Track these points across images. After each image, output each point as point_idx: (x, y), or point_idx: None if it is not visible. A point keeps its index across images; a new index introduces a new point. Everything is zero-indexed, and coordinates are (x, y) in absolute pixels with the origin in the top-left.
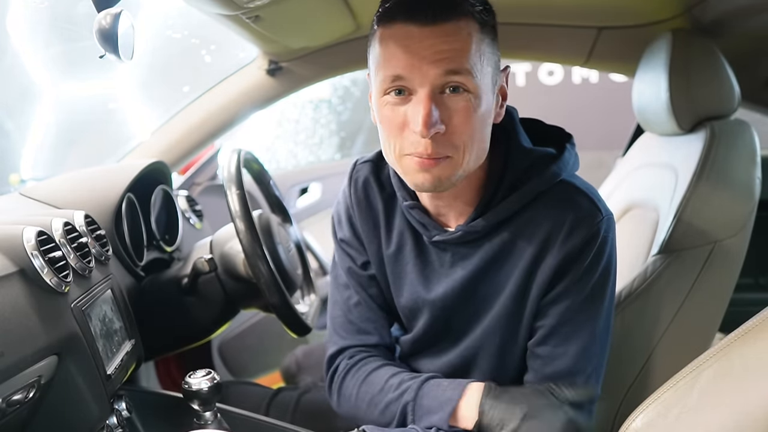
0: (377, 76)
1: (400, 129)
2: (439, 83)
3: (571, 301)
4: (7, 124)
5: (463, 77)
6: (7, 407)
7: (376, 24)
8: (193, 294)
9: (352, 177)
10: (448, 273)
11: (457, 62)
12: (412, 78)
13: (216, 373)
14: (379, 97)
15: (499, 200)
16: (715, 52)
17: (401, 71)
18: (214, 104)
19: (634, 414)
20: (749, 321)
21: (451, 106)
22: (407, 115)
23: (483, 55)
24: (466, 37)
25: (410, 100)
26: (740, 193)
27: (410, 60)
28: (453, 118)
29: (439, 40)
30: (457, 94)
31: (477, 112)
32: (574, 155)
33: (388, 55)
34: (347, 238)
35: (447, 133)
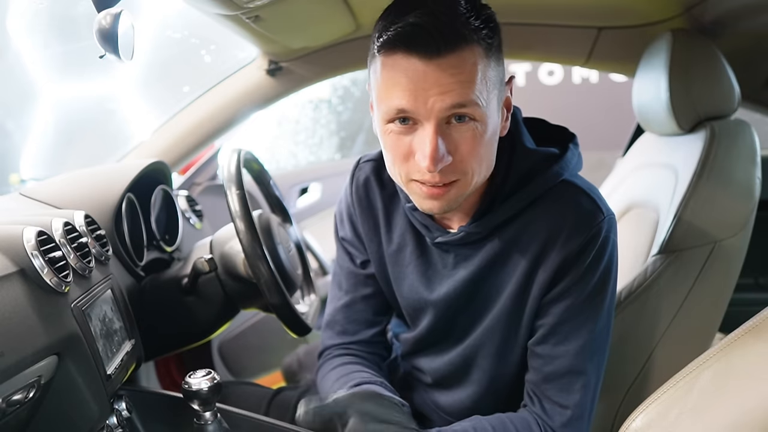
0: (380, 104)
1: (405, 158)
2: (445, 115)
3: (572, 301)
4: (7, 124)
5: (469, 108)
6: (7, 407)
7: (376, 50)
8: (193, 294)
9: (354, 176)
10: (450, 274)
11: (463, 95)
12: (417, 111)
13: (216, 373)
14: (382, 124)
15: (502, 201)
16: (715, 52)
17: (405, 105)
18: (214, 104)
19: (634, 414)
20: (749, 321)
21: (457, 136)
22: (413, 145)
23: (488, 81)
24: (471, 67)
25: (415, 130)
26: (740, 193)
27: (414, 94)
28: (460, 148)
29: (444, 74)
30: (463, 124)
31: (484, 138)
32: (577, 155)
33: (391, 86)
34: (348, 237)
35: (454, 162)
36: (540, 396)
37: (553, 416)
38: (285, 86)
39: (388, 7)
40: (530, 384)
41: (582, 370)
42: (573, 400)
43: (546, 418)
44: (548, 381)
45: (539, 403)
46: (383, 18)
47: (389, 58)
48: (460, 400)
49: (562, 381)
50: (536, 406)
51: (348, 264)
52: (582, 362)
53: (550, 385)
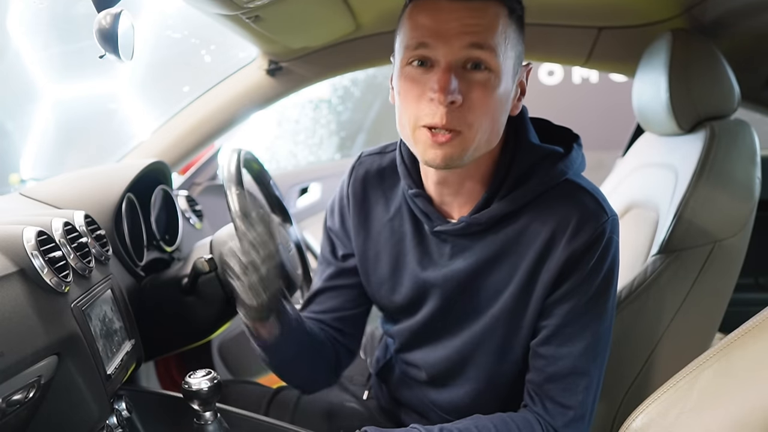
0: (402, 46)
1: (417, 99)
2: (462, 56)
3: (576, 302)
4: (7, 124)
5: (486, 53)
6: (7, 407)
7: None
8: (193, 294)
9: (354, 170)
10: (446, 264)
11: (482, 37)
12: (436, 47)
13: (216, 373)
14: (402, 67)
15: (504, 194)
16: (715, 52)
17: (426, 39)
18: (214, 104)
19: (634, 414)
20: (749, 321)
21: (471, 79)
22: (427, 84)
23: (508, 38)
24: (493, 16)
25: (432, 71)
26: (740, 193)
27: (436, 29)
28: (471, 92)
29: (466, 14)
30: (478, 71)
31: (495, 91)
32: (581, 155)
33: (416, 25)
34: (335, 228)
35: (463, 106)
36: (542, 396)
37: (556, 416)
38: (285, 86)
39: None
40: (532, 384)
41: (585, 371)
42: (576, 401)
43: (548, 418)
44: (551, 381)
45: (541, 403)
46: None
47: (418, 2)
48: (458, 398)
49: (565, 381)
50: (538, 405)
51: (329, 254)
52: (585, 363)
53: (553, 385)
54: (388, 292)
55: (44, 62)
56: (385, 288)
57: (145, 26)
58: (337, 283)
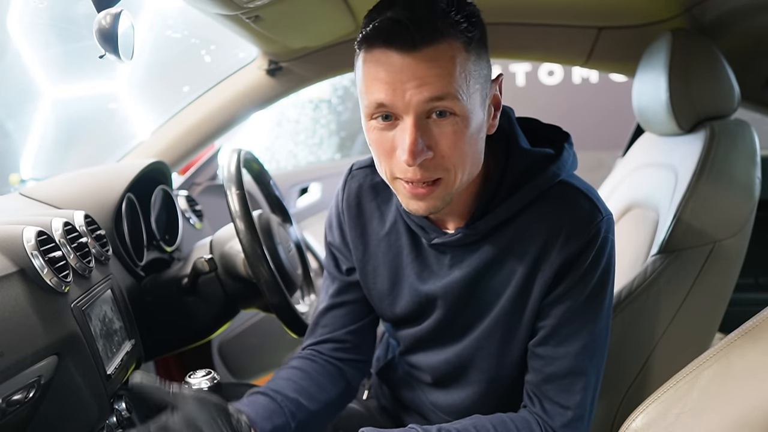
0: (362, 100)
1: (388, 154)
2: (423, 109)
3: (573, 302)
4: (7, 124)
5: (448, 102)
6: (7, 407)
7: (357, 47)
8: (193, 294)
9: (346, 184)
10: (447, 274)
11: (441, 88)
12: (395, 105)
13: (216, 373)
14: (366, 120)
15: (499, 202)
16: (715, 52)
17: (384, 98)
18: (213, 104)
19: (634, 414)
20: (749, 321)
21: (437, 131)
22: (395, 140)
23: (469, 75)
24: (448, 60)
25: (397, 125)
26: (740, 193)
27: (392, 87)
28: (440, 144)
29: (420, 67)
30: (443, 118)
31: (465, 134)
32: (572, 155)
33: (370, 81)
34: (336, 243)
35: (435, 157)
36: (541, 396)
37: (554, 417)
38: (285, 86)
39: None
40: (530, 385)
41: (583, 371)
42: (574, 401)
43: (547, 418)
44: (549, 382)
45: (540, 403)
46: (366, 16)
47: (369, 53)
48: (459, 400)
49: (563, 381)
50: (536, 406)
51: (333, 270)
52: (583, 363)
53: (551, 385)
54: (389, 306)
55: (44, 62)
56: (386, 301)
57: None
58: (344, 299)
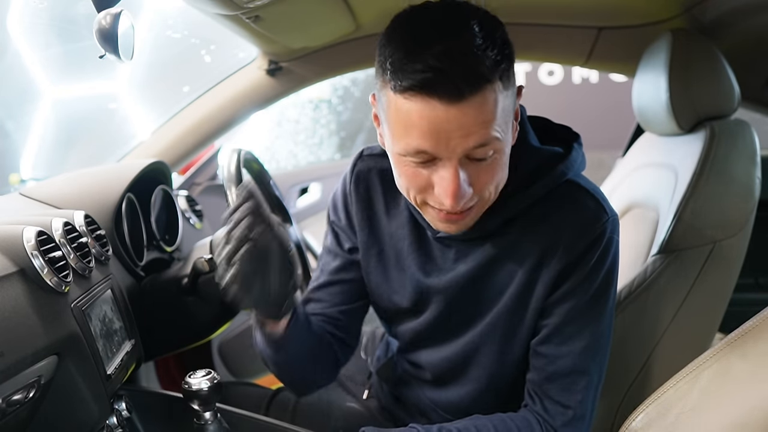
0: (395, 139)
1: (423, 189)
2: (466, 154)
3: (576, 301)
4: (7, 124)
5: (491, 146)
6: (7, 407)
7: (392, 88)
8: (193, 294)
9: (356, 166)
10: (451, 268)
11: (485, 135)
12: (438, 152)
13: (216, 373)
14: (397, 155)
15: (507, 199)
16: (715, 52)
17: (426, 147)
18: (213, 104)
19: (634, 414)
20: (749, 321)
21: (477, 169)
22: (432, 179)
23: (506, 112)
24: (493, 106)
25: (435, 164)
26: (740, 193)
27: (436, 137)
28: (480, 178)
29: (467, 117)
30: (484, 160)
31: (501, 161)
32: (581, 155)
33: (410, 127)
34: (340, 222)
35: (474, 192)
36: (542, 395)
37: (555, 416)
38: (285, 86)
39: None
40: (532, 383)
41: (585, 370)
42: (575, 400)
43: (548, 417)
44: (551, 380)
45: (541, 402)
46: (394, 48)
47: (407, 100)
48: (459, 398)
49: (565, 381)
50: (537, 405)
51: (335, 247)
52: (585, 362)
53: (553, 384)
54: (388, 294)
55: (44, 62)
56: (384, 288)
57: (145, 26)
58: (343, 277)
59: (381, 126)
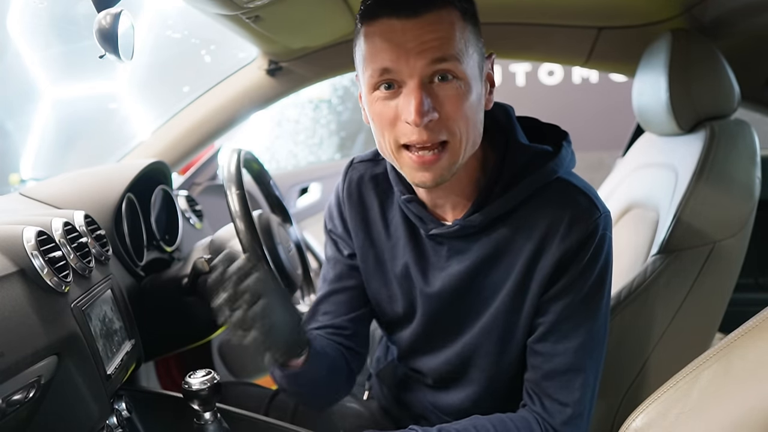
0: (365, 72)
1: (392, 122)
2: (427, 73)
3: (571, 299)
4: (7, 124)
5: (450, 64)
6: (7, 407)
7: (359, 22)
8: (193, 294)
9: (347, 175)
10: (443, 267)
11: (443, 50)
12: (400, 70)
13: (216, 373)
14: (369, 93)
15: (497, 196)
16: (715, 52)
17: (388, 64)
18: (214, 104)
19: (634, 414)
20: (749, 321)
21: (441, 93)
22: (399, 108)
23: (467, 42)
24: (448, 25)
25: (400, 93)
26: (740, 193)
27: (396, 52)
28: (445, 105)
29: (422, 31)
30: (446, 82)
31: (468, 98)
32: (570, 153)
33: (374, 50)
34: (336, 230)
35: (440, 119)
36: (540, 394)
37: (554, 414)
38: (285, 86)
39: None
40: (530, 382)
41: (581, 368)
42: (573, 398)
43: (546, 416)
44: (548, 378)
45: (539, 401)
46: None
47: (371, 25)
48: (459, 401)
49: (562, 378)
50: (536, 404)
51: (335, 254)
52: (582, 359)
53: (550, 382)
54: (386, 297)
55: (44, 62)
56: (383, 292)
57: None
58: (346, 284)
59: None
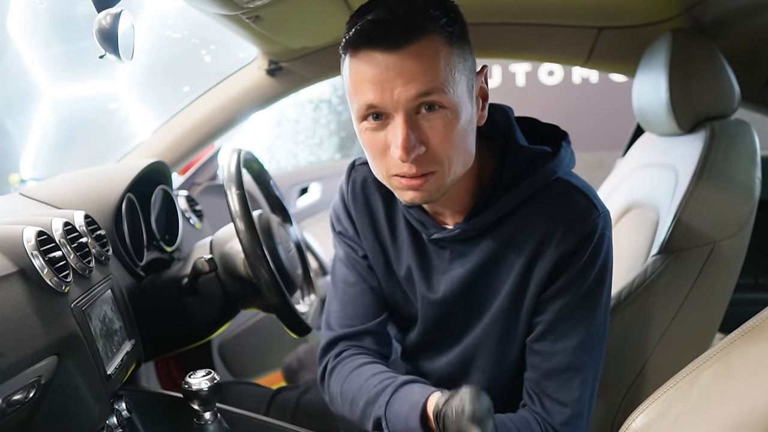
0: (352, 103)
1: (382, 153)
2: (412, 105)
3: (570, 298)
4: (7, 124)
5: (436, 96)
6: (7, 407)
7: (342, 51)
8: (193, 294)
9: (350, 176)
10: (446, 270)
11: (427, 82)
12: (385, 104)
13: (216, 373)
14: (357, 123)
15: (497, 198)
16: (715, 52)
17: (373, 99)
18: (214, 104)
19: (634, 414)
20: (749, 321)
21: (428, 125)
22: (387, 139)
23: (454, 68)
24: (433, 55)
25: (388, 124)
26: (740, 193)
27: (380, 87)
28: (432, 138)
29: (405, 64)
30: (433, 112)
31: (456, 126)
32: (569, 153)
33: (358, 83)
34: (347, 232)
35: (428, 152)
36: (539, 393)
37: (553, 414)
38: (285, 86)
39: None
40: (529, 382)
41: (580, 367)
42: (572, 397)
43: (546, 416)
44: (547, 378)
45: (539, 401)
46: (348, 22)
47: (354, 57)
48: None
49: (561, 378)
50: (536, 404)
51: (352, 255)
52: (581, 359)
53: (550, 382)
54: (393, 299)
55: (44, 62)
56: (391, 294)
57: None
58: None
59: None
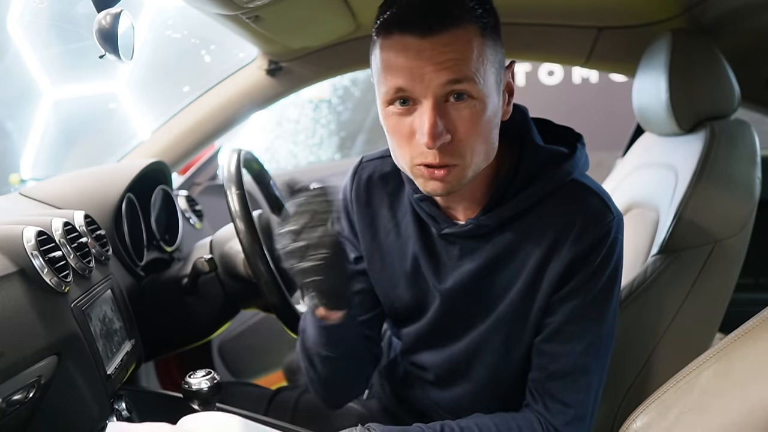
0: (380, 86)
1: (408, 139)
2: (442, 93)
3: (580, 300)
4: (7, 124)
5: (466, 85)
6: (7, 407)
7: (375, 34)
8: (193, 294)
9: (357, 173)
10: (455, 266)
11: (459, 71)
12: (414, 89)
13: (216, 373)
14: (384, 107)
15: (511, 196)
16: (715, 52)
17: (403, 83)
18: (214, 104)
19: (634, 414)
20: (749, 321)
21: (455, 114)
22: (413, 125)
23: (485, 59)
24: (466, 44)
25: (415, 110)
26: (740, 193)
27: (411, 71)
28: (459, 127)
29: (438, 50)
30: (461, 102)
31: (483, 117)
32: (584, 155)
33: (389, 67)
34: (344, 233)
35: (453, 141)
36: (543, 394)
37: (556, 415)
38: (285, 86)
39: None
40: (533, 382)
41: (587, 369)
42: (576, 399)
43: (549, 416)
44: (553, 379)
45: (542, 401)
46: (382, 4)
47: (386, 39)
48: (461, 398)
49: (566, 379)
50: (539, 404)
51: None
52: (587, 361)
53: (555, 383)
54: (395, 296)
55: (44, 62)
56: (391, 291)
57: (145, 26)
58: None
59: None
